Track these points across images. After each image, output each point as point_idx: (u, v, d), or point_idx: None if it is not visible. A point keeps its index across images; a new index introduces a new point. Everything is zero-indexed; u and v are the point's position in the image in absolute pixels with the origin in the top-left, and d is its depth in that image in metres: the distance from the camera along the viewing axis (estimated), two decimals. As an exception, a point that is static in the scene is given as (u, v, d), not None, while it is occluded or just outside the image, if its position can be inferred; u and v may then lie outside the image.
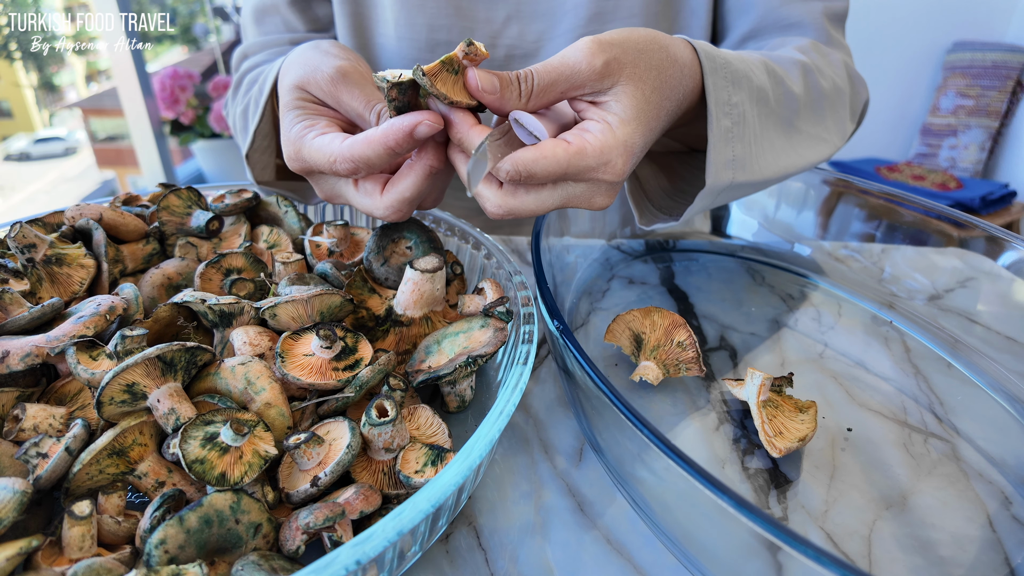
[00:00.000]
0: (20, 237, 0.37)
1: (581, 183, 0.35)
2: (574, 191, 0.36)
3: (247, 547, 0.27)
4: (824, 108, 0.50)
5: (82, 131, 2.50)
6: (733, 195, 0.46)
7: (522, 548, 0.32)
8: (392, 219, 0.39)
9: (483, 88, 0.33)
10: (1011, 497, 0.35)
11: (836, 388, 0.43)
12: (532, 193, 0.35)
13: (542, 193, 0.35)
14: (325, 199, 0.42)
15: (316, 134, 0.38)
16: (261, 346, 0.34)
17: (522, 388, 0.31)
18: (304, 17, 0.65)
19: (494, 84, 0.33)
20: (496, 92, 0.33)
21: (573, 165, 0.33)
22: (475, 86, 0.33)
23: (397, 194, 0.38)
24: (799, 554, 0.21)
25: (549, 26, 0.62)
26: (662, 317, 0.44)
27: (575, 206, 0.37)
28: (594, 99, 0.35)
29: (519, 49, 0.63)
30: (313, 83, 0.40)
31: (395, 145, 0.35)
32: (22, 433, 0.30)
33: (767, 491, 0.35)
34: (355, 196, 0.40)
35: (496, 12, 0.62)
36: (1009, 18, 2.25)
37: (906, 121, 2.46)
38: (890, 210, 0.55)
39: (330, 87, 0.40)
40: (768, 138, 0.44)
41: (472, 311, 0.40)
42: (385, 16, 0.63)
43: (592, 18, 0.61)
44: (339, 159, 0.36)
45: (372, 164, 0.36)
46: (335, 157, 0.36)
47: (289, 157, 0.40)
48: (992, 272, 0.49)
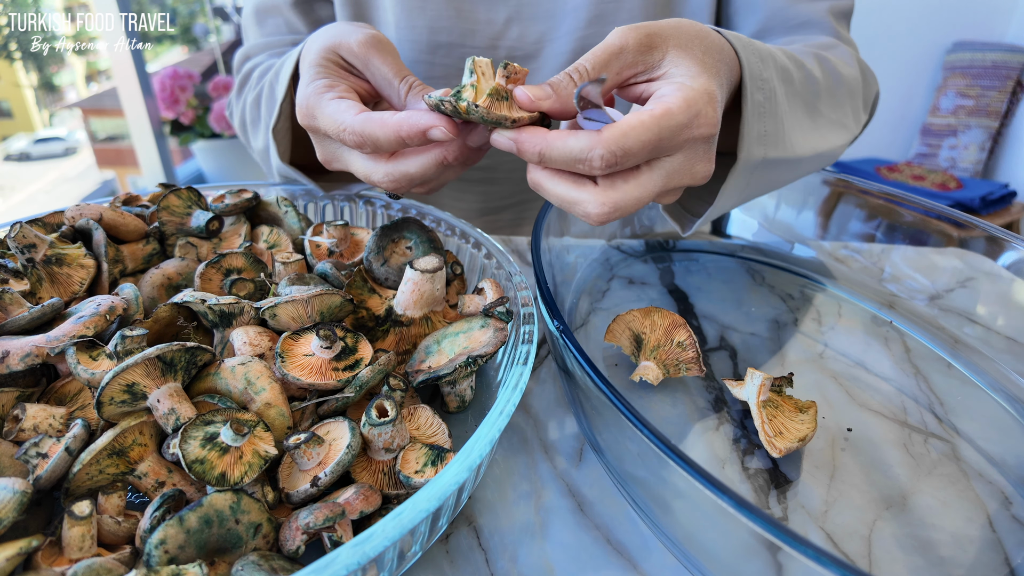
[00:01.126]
0: (20, 237, 0.37)
1: (677, 154, 0.34)
2: (672, 165, 0.34)
3: (247, 547, 0.27)
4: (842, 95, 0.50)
5: (82, 131, 2.50)
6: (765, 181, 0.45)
7: (522, 548, 0.32)
8: (388, 188, 0.39)
9: (537, 98, 0.33)
10: (1011, 497, 0.35)
11: (836, 388, 0.43)
12: (631, 180, 0.33)
13: (641, 178, 0.34)
14: (323, 161, 0.42)
15: (333, 96, 0.38)
16: (261, 346, 0.34)
17: (522, 388, 0.31)
18: (306, 18, 0.65)
19: (546, 91, 0.34)
20: (551, 96, 0.33)
21: (665, 127, 0.31)
22: (528, 101, 0.33)
23: (402, 167, 0.38)
24: (799, 554, 0.21)
25: (549, 28, 0.62)
26: (662, 317, 0.44)
27: (678, 184, 0.35)
28: (650, 76, 0.35)
29: (519, 51, 0.63)
30: (344, 46, 0.40)
31: (407, 137, 0.35)
32: (22, 433, 0.30)
33: (767, 491, 0.35)
34: (356, 159, 0.40)
35: (497, 14, 0.62)
36: (1009, 18, 2.25)
37: (906, 121, 2.46)
38: (890, 210, 0.55)
39: (362, 50, 0.40)
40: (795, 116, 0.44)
41: (472, 311, 0.40)
42: (386, 17, 0.63)
43: (592, 20, 0.61)
44: (348, 130, 0.36)
45: (379, 146, 0.36)
46: (345, 127, 0.37)
47: (300, 111, 0.40)
48: (992, 272, 0.49)
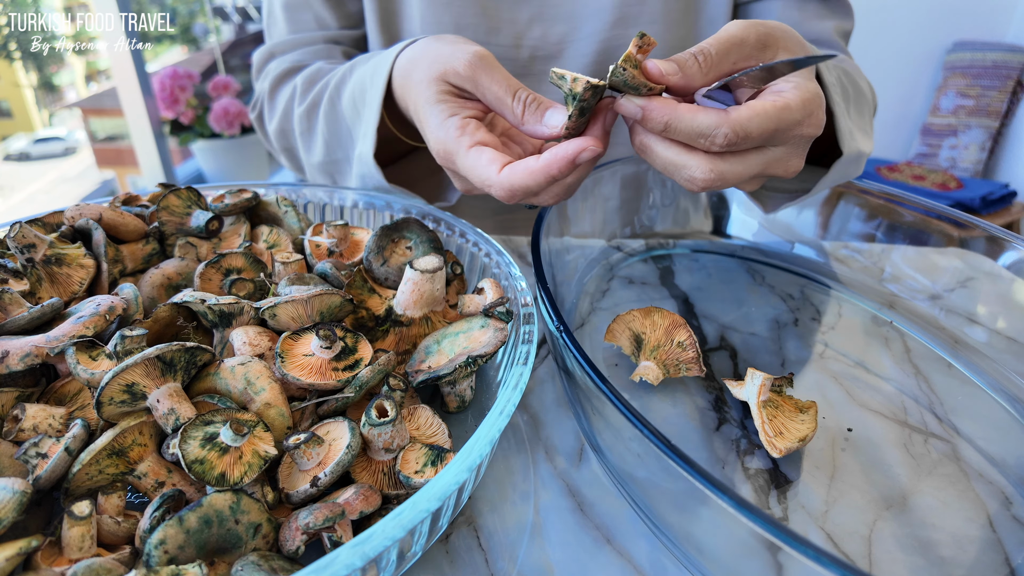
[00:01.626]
0: (20, 237, 0.37)
1: (781, 146, 0.37)
2: (775, 155, 0.37)
3: (247, 547, 0.27)
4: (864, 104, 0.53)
5: (82, 131, 2.49)
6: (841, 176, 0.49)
7: (522, 548, 0.32)
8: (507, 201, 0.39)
9: (666, 72, 0.35)
10: (1011, 497, 0.35)
11: (836, 388, 0.43)
12: (739, 157, 0.36)
13: (747, 158, 0.36)
14: (465, 192, 0.44)
15: (470, 143, 0.39)
16: (261, 346, 0.34)
17: (522, 388, 0.31)
18: (337, 12, 0.65)
19: (674, 67, 0.35)
20: (678, 72, 0.35)
21: (783, 120, 0.34)
22: (658, 73, 0.35)
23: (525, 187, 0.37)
24: (799, 554, 0.21)
25: (571, 28, 0.63)
26: (662, 317, 0.44)
27: (772, 173, 0.38)
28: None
29: (542, 50, 0.64)
30: (451, 72, 0.40)
31: (558, 173, 0.36)
32: (22, 433, 0.30)
33: (767, 491, 0.35)
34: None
35: (520, 13, 0.62)
36: (1009, 18, 2.25)
37: (906, 121, 2.46)
38: (890, 210, 0.55)
39: (469, 71, 0.39)
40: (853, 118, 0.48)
41: (472, 311, 0.40)
42: (411, 13, 0.63)
43: (615, 23, 0.62)
44: (496, 187, 0.37)
45: (531, 192, 0.37)
46: (491, 184, 0.37)
47: (439, 154, 0.40)
48: (992, 272, 0.49)
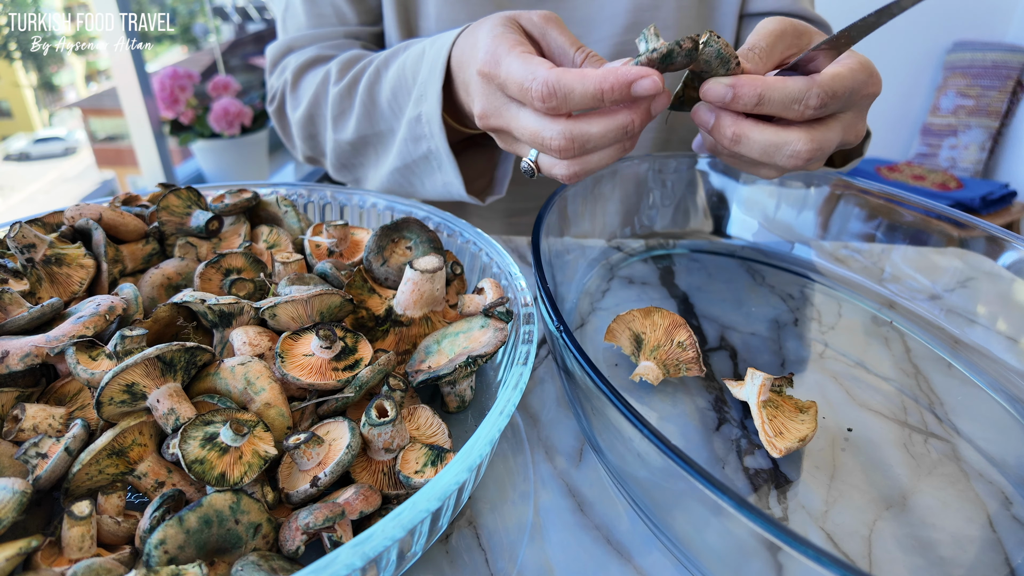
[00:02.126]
0: (20, 237, 0.37)
1: (851, 110, 0.40)
2: (848, 119, 0.40)
3: (247, 547, 0.27)
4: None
5: (82, 131, 2.49)
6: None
7: (522, 548, 0.32)
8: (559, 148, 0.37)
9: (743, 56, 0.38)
10: (1011, 497, 0.35)
11: (836, 388, 0.43)
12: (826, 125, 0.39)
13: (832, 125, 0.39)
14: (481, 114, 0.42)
15: (523, 50, 0.38)
16: (261, 346, 0.34)
17: (522, 388, 0.31)
18: (357, 6, 0.65)
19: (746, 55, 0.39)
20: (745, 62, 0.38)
21: (857, 80, 0.37)
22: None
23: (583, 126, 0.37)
24: (799, 554, 0.21)
25: (585, 32, 0.64)
26: (662, 317, 0.44)
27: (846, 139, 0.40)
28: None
29: None
30: (524, 16, 0.42)
31: (609, 90, 0.34)
32: (22, 433, 0.30)
33: (767, 491, 0.35)
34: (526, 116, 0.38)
35: None
36: (1009, 18, 2.25)
37: (906, 121, 2.46)
38: (890, 210, 0.55)
39: (541, 20, 0.41)
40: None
41: (472, 311, 0.40)
42: (427, 10, 0.64)
43: (629, 27, 0.63)
44: (540, 80, 0.35)
45: (570, 101, 0.35)
46: (535, 76, 0.35)
47: (484, 59, 0.39)
48: (992, 272, 0.49)
